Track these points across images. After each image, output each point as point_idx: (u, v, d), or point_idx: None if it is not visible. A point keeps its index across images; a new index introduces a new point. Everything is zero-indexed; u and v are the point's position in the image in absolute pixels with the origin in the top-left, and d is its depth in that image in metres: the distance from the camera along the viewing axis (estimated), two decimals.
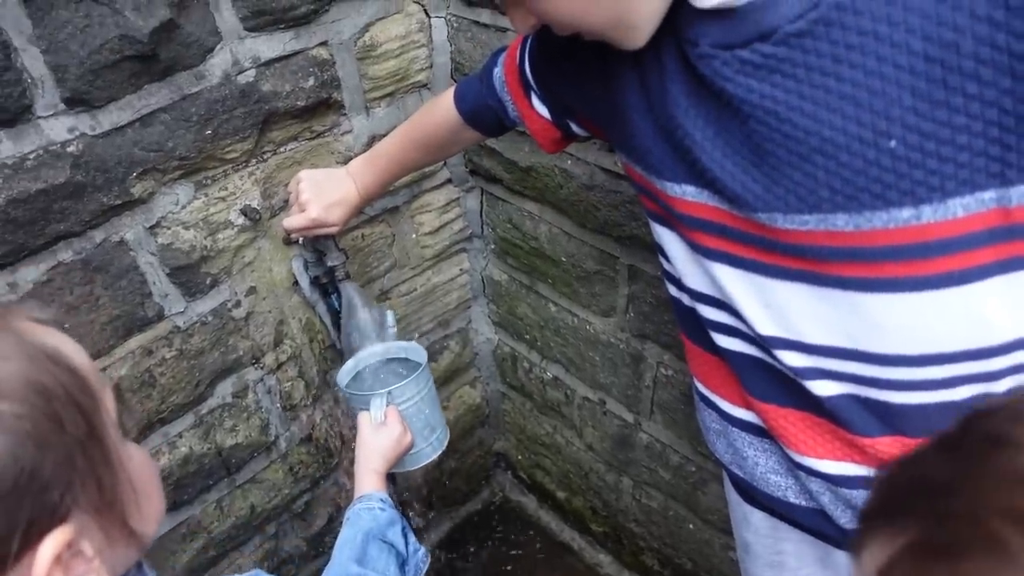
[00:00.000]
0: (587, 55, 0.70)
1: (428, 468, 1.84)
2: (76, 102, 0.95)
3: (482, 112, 0.94)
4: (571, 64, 0.75)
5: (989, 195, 0.52)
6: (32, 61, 0.89)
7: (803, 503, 0.79)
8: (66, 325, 1.05)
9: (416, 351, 1.19)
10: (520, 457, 1.98)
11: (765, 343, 0.69)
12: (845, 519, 0.74)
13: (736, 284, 0.68)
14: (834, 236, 0.58)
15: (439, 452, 1.16)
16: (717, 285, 0.70)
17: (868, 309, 0.60)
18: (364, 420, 1.05)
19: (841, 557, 0.84)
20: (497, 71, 0.89)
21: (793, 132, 0.56)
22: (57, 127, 0.95)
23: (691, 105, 0.61)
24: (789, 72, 0.54)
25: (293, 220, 1.12)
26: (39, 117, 0.93)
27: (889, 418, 0.65)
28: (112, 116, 0.99)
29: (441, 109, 0.99)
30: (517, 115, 0.89)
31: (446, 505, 1.99)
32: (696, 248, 0.70)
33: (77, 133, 0.97)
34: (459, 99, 0.96)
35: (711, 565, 1.54)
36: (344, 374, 1.18)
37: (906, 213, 0.54)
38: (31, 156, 0.94)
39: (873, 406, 0.65)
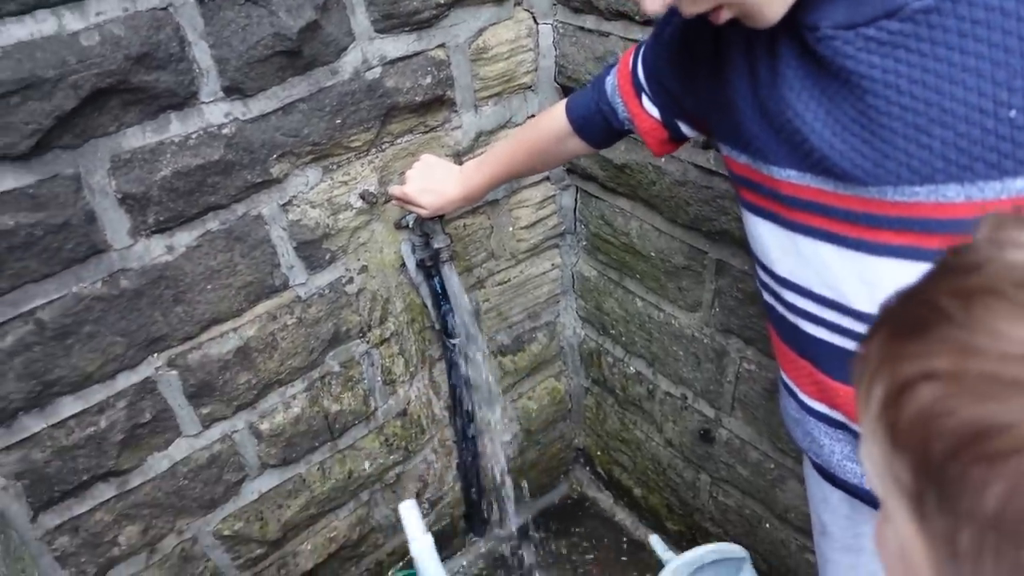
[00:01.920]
0: (700, 49, 0.77)
1: (510, 456, 1.92)
2: (233, 90, 1.09)
3: (591, 118, 1.01)
4: (684, 57, 0.81)
5: None
6: (201, 54, 1.04)
7: None
8: (208, 287, 1.19)
9: (732, 550, 1.24)
10: (599, 452, 2.03)
11: (863, 320, 0.73)
12: None
13: (837, 262, 0.72)
14: (943, 208, 0.62)
15: None
16: (814, 267, 0.75)
17: None
18: None
19: None
20: (610, 79, 0.97)
21: (912, 104, 0.59)
22: (216, 112, 1.10)
23: (804, 87, 0.66)
24: (914, 47, 0.58)
25: (392, 187, 1.29)
26: (202, 102, 1.08)
27: None
28: (260, 104, 1.13)
29: (551, 117, 1.08)
30: (627, 116, 0.96)
31: (529, 495, 2.06)
32: (798, 228, 0.75)
33: (231, 118, 1.11)
34: (570, 108, 1.04)
35: (787, 568, 1.55)
36: None
37: (1020, 183, 0.57)
38: (193, 136, 1.09)
39: None
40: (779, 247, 0.79)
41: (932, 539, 0.31)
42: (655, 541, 1.42)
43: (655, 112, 0.92)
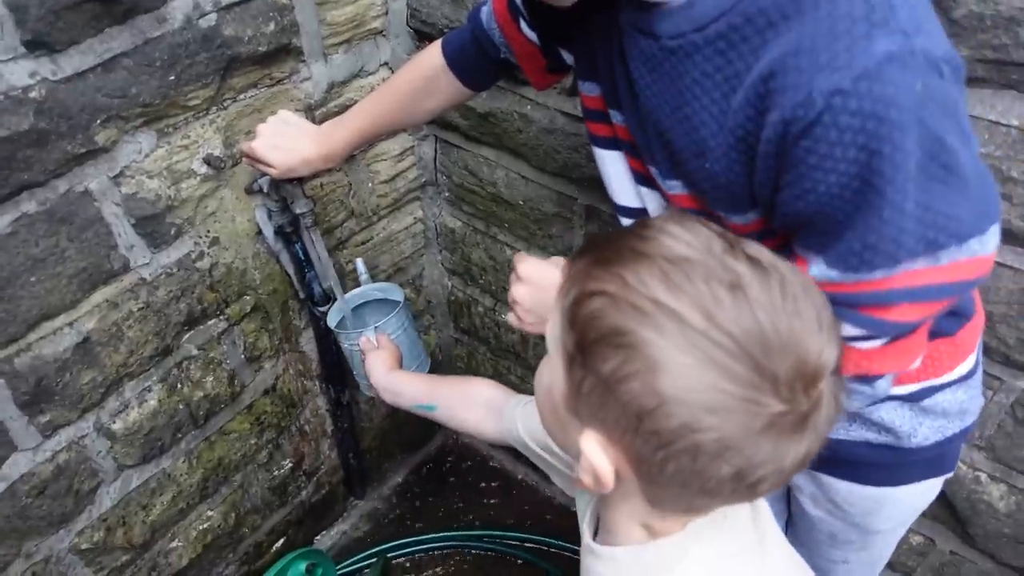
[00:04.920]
0: None
1: (384, 415, 1.89)
2: (37, 45, 0.91)
3: (466, 49, 0.95)
4: None
5: (752, 215, 0.69)
6: None
7: None
8: (32, 279, 1.02)
9: (393, 290, 1.38)
10: None
11: None
12: None
13: (650, 202, 0.83)
14: (672, 197, 0.75)
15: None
16: (641, 199, 0.84)
17: None
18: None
19: None
20: (485, 7, 0.92)
21: (655, 118, 0.70)
22: (18, 71, 0.91)
23: (620, 52, 0.72)
24: (662, 72, 0.66)
25: (242, 143, 1.17)
26: None
27: None
28: (74, 60, 0.96)
29: (422, 56, 1.01)
30: (504, 42, 0.91)
31: (402, 451, 2.05)
32: (630, 169, 0.84)
33: (39, 78, 0.93)
34: (445, 42, 0.98)
35: None
36: (333, 317, 1.33)
37: (720, 210, 0.71)
38: None
39: None
40: (619, 179, 0.85)
41: (570, 382, 0.51)
42: (359, 263, 1.43)
43: (533, 37, 0.89)
